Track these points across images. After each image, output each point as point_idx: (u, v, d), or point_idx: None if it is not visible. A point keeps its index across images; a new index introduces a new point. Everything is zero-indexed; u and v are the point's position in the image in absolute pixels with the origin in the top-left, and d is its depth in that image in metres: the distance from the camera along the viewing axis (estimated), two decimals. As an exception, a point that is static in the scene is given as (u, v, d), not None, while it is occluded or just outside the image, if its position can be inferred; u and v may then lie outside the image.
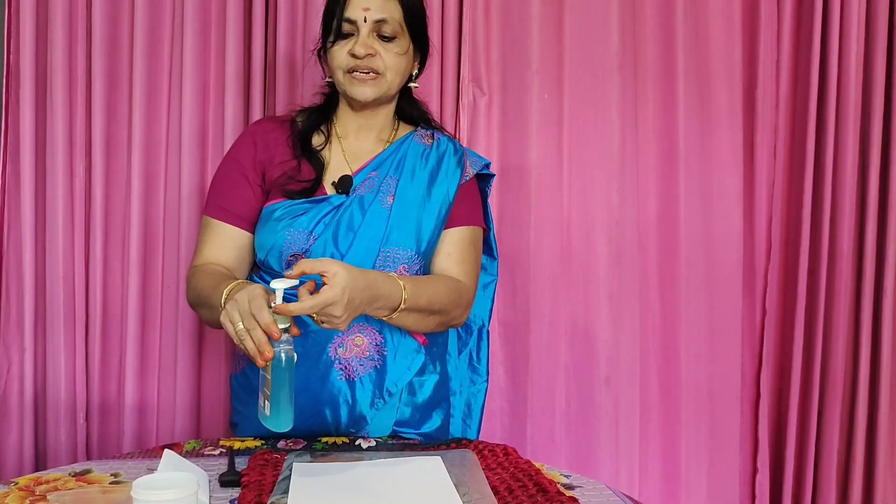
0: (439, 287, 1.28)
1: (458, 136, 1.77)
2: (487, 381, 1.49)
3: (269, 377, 1.02)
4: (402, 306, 1.19)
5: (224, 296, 1.14)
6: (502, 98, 1.80)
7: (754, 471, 1.90)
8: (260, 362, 1.01)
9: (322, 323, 1.09)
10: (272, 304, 1.03)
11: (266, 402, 1.02)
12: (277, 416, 1.02)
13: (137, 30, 1.70)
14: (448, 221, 1.36)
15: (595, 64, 1.79)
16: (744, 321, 1.89)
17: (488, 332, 1.50)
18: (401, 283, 1.20)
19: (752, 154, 1.86)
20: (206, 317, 1.27)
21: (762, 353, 1.89)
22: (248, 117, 1.74)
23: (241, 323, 1.03)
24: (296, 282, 1.06)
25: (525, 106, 1.78)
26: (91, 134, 1.72)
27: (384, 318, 1.21)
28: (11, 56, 1.69)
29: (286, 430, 1.03)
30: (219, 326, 1.22)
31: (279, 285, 1.03)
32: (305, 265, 1.06)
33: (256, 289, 1.05)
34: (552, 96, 1.79)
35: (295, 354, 1.03)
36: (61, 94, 1.69)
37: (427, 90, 1.75)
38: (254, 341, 1.01)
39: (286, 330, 1.02)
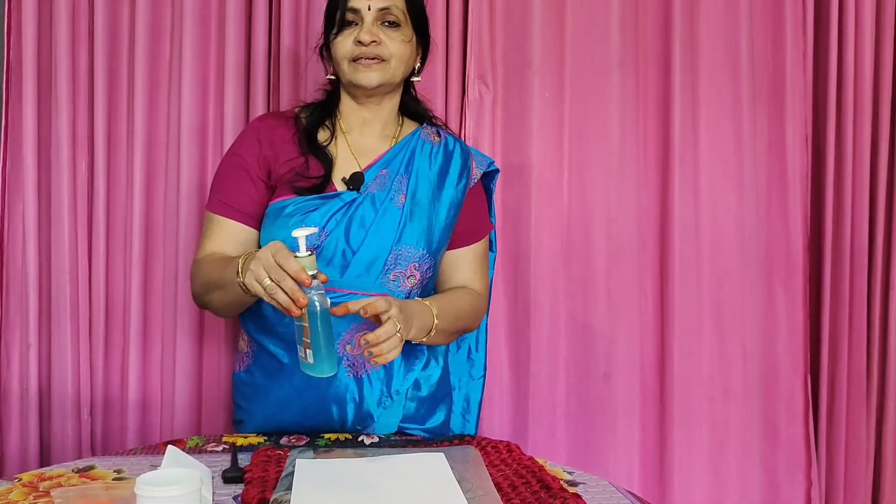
0: (463, 306, 1.33)
1: (463, 133, 1.77)
2: (485, 375, 1.49)
3: (306, 325, 1.03)
4: (434, 330, 1.23)
5: (240, 265, 1.13)
6: (506, 95, 1.79)
7: (808, 484, 1.84)
8: (295, 311, 1.01)
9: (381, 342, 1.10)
10: (296, 255, 1.03)
11: (307, 350, 1.03)
12: (321, 362, 1.03)
13: (138, 25, 1.69)
14: (467, 236, 1.39)
15: (596, 62, 1.78)
16: (776, 320, 1.84)
17: (486, 326, 1.50)
18: (427, 304, 1.24)
19: (784, 147, 1.83)
20: (218, 301, 1.25)
21: (807, 357, 1.83)
22: (248, 113, 1.73)
23: (267, 279, 1.03)
24: (315, 230, 1.08)
25: (527, 104, 1.78)
26: (93, 130, 1.72)
27: (421, 341, 1.24)
28: (12, 52, 1.69)
29: (332, 374, 1.04)
30: (233, 310, 1.26)
31: (301, 233, 1.04)
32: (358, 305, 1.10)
33: (277, 243, 1.06)
34: (553, 94, 1.78)
35: (328, 300, 1.03)
36: (65, 91, 1.69)
37: (432, 87, 1.75)
38: (286, 291, 1.01)
39: (314, 276, 1.02)
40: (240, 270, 1.13)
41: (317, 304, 1.01)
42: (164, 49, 1.72)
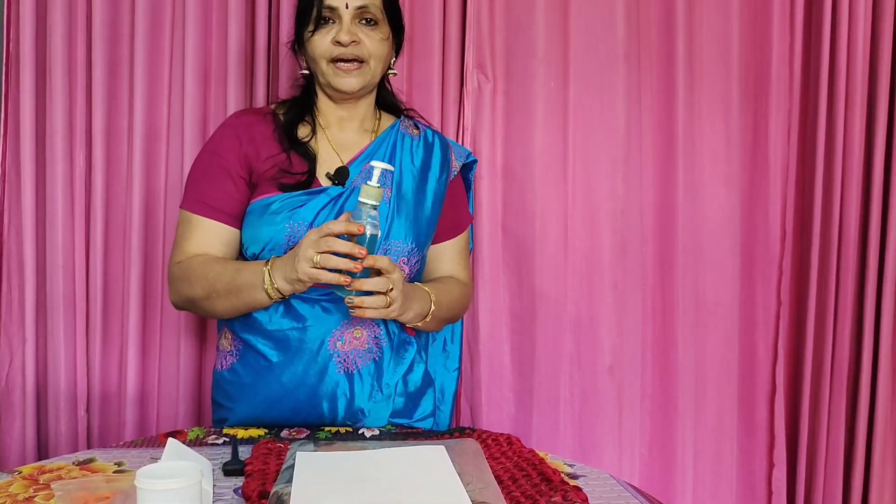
0: (456, 295, 1.36)
1: (461, 124, 1.76)
2: (460, 368, 1.51)
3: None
4: (430, 316, 1.26)
5: (267, 273, 1.18)
6: (507, 85, 1.78)
7: (770, 466, 1.88)
8: (358, 266, 1.08)
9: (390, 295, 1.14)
10: (367, 184, 1.11)
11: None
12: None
13: (138, 15, 1.68)
14: (451, 229, 1.41)
15: (601, 52, 1.77)
16: (756, 311, 1.87)
17: (462, 320, 1.51)
18: (427, 289, 1.26)
19: (767, 140, 1.83)
20: (223, 306, 1.24)
21: (777, 345, 1.87)
22: (250, 104, 1.72)
23: (316, 255, 1.09)
24: (392, 167, 1.21)
25: (530, 94, 1.77)
26: (91, 122, 1.70)
27: (416, 325, 1.26)
28: (11, 44, 1.68)
29: None
30: (235, 315, 1.26)
31: (379, 164, 1.13)
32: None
33: (310, 232, 1.12)
34: (557, 84, 1.77)
35: (379, 230, 1.11)
36: (61, 82, 1.67)
37: (428, 78, 1.74)
38: (339, 253, 1.07)
39: (375, 207, 1.11)
40: (269, 277, 1.17)
41: (368, 230, 1.10)
42: (165, 40, 1.71)
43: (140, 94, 1.70)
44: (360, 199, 1.10)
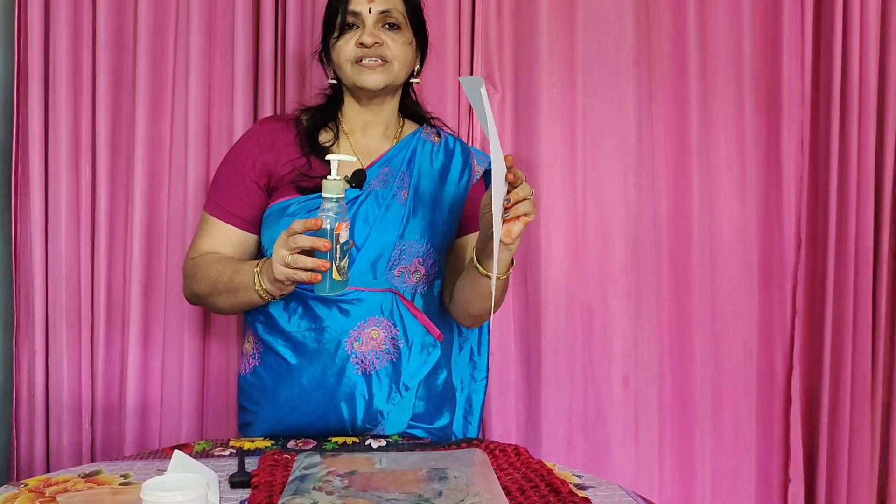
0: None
1: (470, 134, 1.77)
2: (487, 377, 1.49)
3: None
4: (510, 270, 1.25)
5: (257, 276, 1.19)
6: (515, 95, 1.79)
7: (786, 481, 1.86)
8: (326, 264, 1.07)
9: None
10: (327, 177, 1.11)
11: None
12: (325, 280, 1.10)
13: (141, 26, 1.68)
14: (473, 224, 1.38)
15: (609, 59, 1.77)
16: (772, 320, 1.86)
17: (489, 328, 1.50)
18: None
19: (779, 150, 1.83)
20: (225, 303, 1.29)
21: (792, 355, 1.85)
22: (257, 115, 1.73)
23: (288, 255, 1.09)
24: (354, 160, 1.20)
25: (537, 102, 1.77)
26: (96, 133, 1.71)
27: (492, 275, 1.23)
28: (22, 56, 1.69)
29: (332, 294, 1.12)
30: (238, 311, 1.30)
31: (334, 157, 1.12)
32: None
33: (282, 233, 1.11)
34: (565, 92, 1.77)
35: (342, 224, 1.09)
36: (66, 94, 1.68)
37: (441, 88, 1.74)
38: (306, 248, 1.07)
39: (338, 201, 1.09)
40: (258, 279, 1.19)
41: (327, 223, 1.08)
42: (169, 51, 1.71)
43: (143, 104, 1.70)
44: (322, 194, 1.11)
